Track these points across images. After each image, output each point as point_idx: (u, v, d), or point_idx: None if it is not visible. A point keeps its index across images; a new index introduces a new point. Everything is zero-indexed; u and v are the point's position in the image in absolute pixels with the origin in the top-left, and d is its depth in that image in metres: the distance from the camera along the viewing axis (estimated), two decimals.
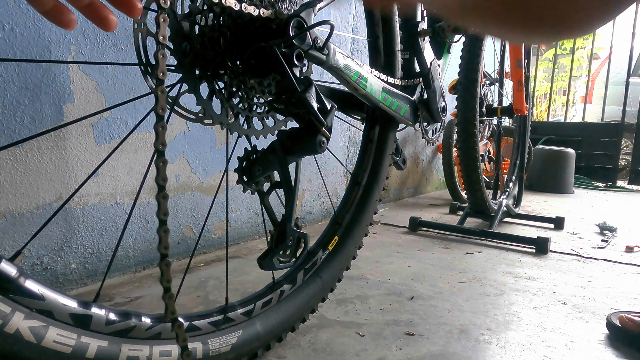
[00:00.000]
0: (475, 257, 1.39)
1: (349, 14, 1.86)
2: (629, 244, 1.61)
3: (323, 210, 1.87)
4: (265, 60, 0.56)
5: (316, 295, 0.79)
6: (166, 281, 0.40)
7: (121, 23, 1.00)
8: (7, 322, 0.40)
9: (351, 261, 0.88)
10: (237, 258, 1.28)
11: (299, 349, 0.75)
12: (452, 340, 0.80)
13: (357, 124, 1.80)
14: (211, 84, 0.56)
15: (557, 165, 3.38)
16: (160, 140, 0.37)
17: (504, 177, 2.28)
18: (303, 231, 0.66)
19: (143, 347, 0.52)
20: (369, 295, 1.01)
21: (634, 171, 3.75)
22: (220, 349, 0.61)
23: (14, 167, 0.87)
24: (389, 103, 0.82)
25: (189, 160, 1.23)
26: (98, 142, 1.00)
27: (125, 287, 1.01)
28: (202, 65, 0.55)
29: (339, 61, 0.67)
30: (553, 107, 6.88)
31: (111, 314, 0.50)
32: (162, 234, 0.39)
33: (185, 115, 0.56)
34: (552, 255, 1.46)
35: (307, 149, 0.61)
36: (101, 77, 0.99)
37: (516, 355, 0.76)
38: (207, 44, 0.53)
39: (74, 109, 0.95)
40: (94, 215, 1.01)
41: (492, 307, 0.97)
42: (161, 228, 0.39)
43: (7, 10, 0.83)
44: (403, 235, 1.66)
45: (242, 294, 0.98)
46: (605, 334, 0.86)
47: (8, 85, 0.84)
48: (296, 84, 0.56)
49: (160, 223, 0.38)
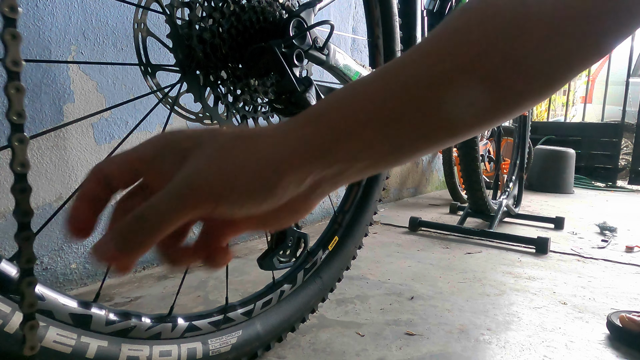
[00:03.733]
0: (475, 257, 1.39)
1: (349, 14, 1.86)
2: (629, 244, 1.61)
3: (323, 210, 1.87)
4: (265, 60, 0.56)
5: (316, 295, 0.79)
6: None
7: (121, 23, 1.00)
8: (7, 322, 0.40)
9: (351, 261, 0.88)
10: (237, 258, 1.28)
11: (299, 349, 0.75)
12: (452, 340, 0.80)
13: None
14: (215, 91, 0.56)
15: (557, 165, 3.38)
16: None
17: (504, 177, 2.27)
18: (303, 231, 0.66)
19: (143, 347, 0.52)
20: (369, 295, 1.01)
21: (634, 171, 3.75)
22: (220, 349, 0.61)
23: None
24: None
25: None
26: (98, 142, 1.00)
27: (125, 287, 1.01)
28: (205, 73, 0.55)
29: (339, 61, 0.67)
30: (553, 107, 6.88)
31: (111, 314, 0.50)
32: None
33: (185, 116, 0.56)
34: (552, 255, 1.46)
35: None
36: (101, 77, 0.99)
37: (516, 355, 0.76)
38: (209, 52, 0.53)
39: (74, 109, 0.95)
40: None
41: (492, 307, 0.97)
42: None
43: None
44: (403, 235, 1.66)
45: (242, 294, 0.98)
46: (605, 334, 0.86)
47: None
48: (296, 84, 0.56)
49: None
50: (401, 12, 0.92)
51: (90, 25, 0.95)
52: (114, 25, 0.99)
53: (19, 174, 0.30)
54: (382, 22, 0.87)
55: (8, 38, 0.29)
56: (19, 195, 0.30)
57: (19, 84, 0.30)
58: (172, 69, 0.53)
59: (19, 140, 0.30)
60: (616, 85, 4.04)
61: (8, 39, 0.29)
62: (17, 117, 0.29)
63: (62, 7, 0.90)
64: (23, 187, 0.30)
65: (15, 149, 0.30)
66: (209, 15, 0.53)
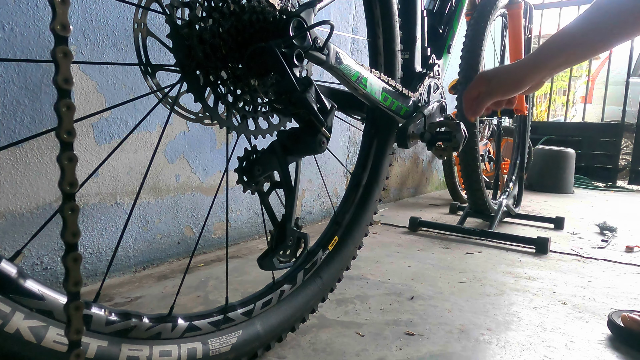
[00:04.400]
0: (475, 257, 1.39)
1: (349, 14, 1.86)
2: (629, 244, 1.61)
3: (323, 210, 1.87)
4: (265, 60, 0.56)
5: (316, 295, 0.79)
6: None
7: (121, 23, 1.00)
8: (7, 322, 0.40)
9: (351, 261, 0.88)
10: (237, 258, 1.28)
11: (299, 349, 0.75)
12: (452, 340, 0.80)
13: (357, 124, 1.80)
14: (215, 91, 0.56)
15: (557, 165, 3.38)
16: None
17: (504, 177, 2.27)
18: (303, 231, 0.66)
19: (143, 347, 0.52)
20: (369, 295, 1.01)
21: (634, 171, 3.75)
22: (220, 349, 0.61)
23: (14, 167, 0.87)
24: (389, 103, 0.82)
25: (189, 160, 1.23)
26: (98, 142, 1.00)
27: (125, 287, 1.01)
28: (205, 73, 0.55)
29: (339, 61, 0.67)
30: (553, 107, 6.88)
31: (111, 314, 0.50)
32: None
33: (185, 116, 0.56)
34: (552, 255, 1.46)
35: (307, 149, 0.61)
36: (101, 77, 0.99)
37: (516, 355, 0.76)
38: (209, 53, 0.53)
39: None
40: (94, 215, 1.01)
41: (492, 307, 0.97)
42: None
43: (7, 10, 0.83)
44: (403, 235, 1.66)
45: (242, 294, 0.98)
46: (605, 334, 0.86)
47: (8, 85, 0.85)
48: (296, 84, 0.56)
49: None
50: (401, 12, 0.92)
51: (90, 25, 0.95)
52: (114, 25, 0.99)
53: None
54: (382, 22, 0.87)
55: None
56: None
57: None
58: (172, 69, 0.53)
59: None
60: (616, 85, 4.03)
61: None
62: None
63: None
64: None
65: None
66: (209, 15, 0.53)
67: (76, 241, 0.31)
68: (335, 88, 0.82)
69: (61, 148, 0.29)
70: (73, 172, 0.29)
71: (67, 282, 0.30)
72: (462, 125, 0.90)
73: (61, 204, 0.29)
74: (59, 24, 0.28)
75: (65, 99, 0.29)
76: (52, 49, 0.29)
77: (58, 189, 0.92)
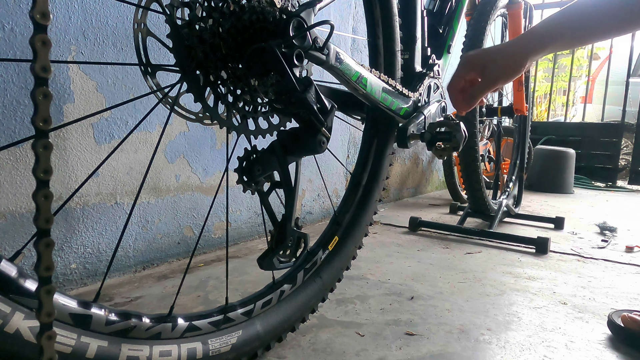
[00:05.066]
0: (475, 257, 1.39)
1: (349, 14, 1.86)
2: (629, 244, 1.61)
3: (323, 210, 1.87)
4: (265, 60, 0.56)
5: (316, 295, 0.79)
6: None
7: (121, 23, 1.00)
8: (7, 322, 0.40)
9: (351, 261, 0.88)
10: (237, 258, 1.28)
11: (299, 349, 0.75)
12: (452, 340, 0.80)
13: (357, 124, 1.80)
14: (215, 91, 0.56)
15: (557, 165, 3.38)
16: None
17: (504, 177, 2.27)
18: (303, 231, 0.66)
19: (143, 347, 0.52)
20: (369, 295, 1.01)
21: (634, 171, 3.75)
22: (220, 349, 0.61)
23: (14, 167, 0.87)
24: (389, 103, 0.82)
25: (189, 160, 1.23)
26: (98, 142, 1.00)
27: (125, 287, 1.01)
28: (205, 73, 0.54)
29: (339, 61, 0.67)
30: (553, 107, 6.88)
31: (111, 314, 0.50)
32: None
33: (185, 116, 0.56)
34: (552, 255, 1.46)
35: (307, 149, 0.61)
36: (101, 77, 0.99)
37: (516, 355, 0.76)
38: (209, 53, 0.53)
39: (74, 109, 0.95)
40: (94, 215, 1.01)
41: (492, 307, 0.97)
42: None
43: (7, 10, 0.83)
44: (403, 235, 1.66)
45: (242, 294, 0.98)
46: (605, 334, 0.86)
47: (8, 85, 0.85)
48: (296, 84, 0.56)
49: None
50: (401, 12, 0.92)
51: (90, 25, 0.95)
52: (114, 25, 0.99)
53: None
54: (382, 22, 0.87)
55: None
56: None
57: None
58: (172, 69, 0.53)
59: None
60: (616, 85, 4.04)
61: None
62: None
63: (62, 7, 0.90)
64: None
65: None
66: (209, 15, 0.53)
67: (49, 227, 0.32)
68: (335, 88, 0.82)
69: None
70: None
71: (38, 268, 0.32)
72: (462, 125, 0.89)
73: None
74: (39, 12, 0.28)
75: (42, 87, 0.29)
76: (31, 36, 0.29)
77: (58, 189, 0.92)
